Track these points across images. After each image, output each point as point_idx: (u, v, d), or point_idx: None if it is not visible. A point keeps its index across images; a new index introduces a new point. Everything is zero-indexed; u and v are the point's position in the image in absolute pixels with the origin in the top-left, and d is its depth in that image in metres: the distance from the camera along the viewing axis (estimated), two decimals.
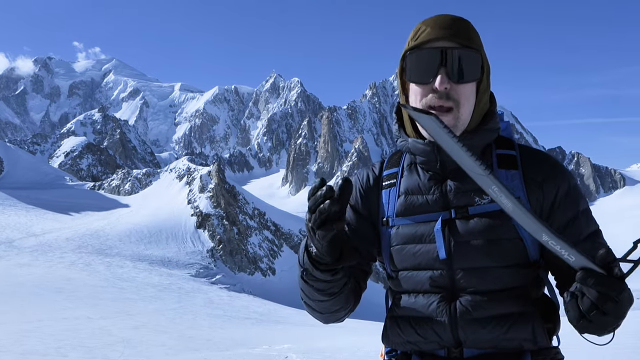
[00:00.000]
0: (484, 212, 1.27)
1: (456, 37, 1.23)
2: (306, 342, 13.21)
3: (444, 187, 1.32)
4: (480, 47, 1.27)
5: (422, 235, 1.31)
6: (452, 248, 1.27)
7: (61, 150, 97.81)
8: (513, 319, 1.25)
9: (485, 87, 1.31)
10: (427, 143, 1.30)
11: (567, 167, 1.33)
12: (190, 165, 61.24)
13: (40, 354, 9.82)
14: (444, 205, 1.31)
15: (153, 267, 35.99)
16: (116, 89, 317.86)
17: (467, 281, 1.27)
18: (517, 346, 1.26)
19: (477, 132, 1.30)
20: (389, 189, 1.40)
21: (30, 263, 30.02)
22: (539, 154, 1.36)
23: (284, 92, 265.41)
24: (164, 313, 20.05)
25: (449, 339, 1.28)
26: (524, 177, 1.30)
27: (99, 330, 13.89)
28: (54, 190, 56.63)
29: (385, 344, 1.42)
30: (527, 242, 1.27)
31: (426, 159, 1.32)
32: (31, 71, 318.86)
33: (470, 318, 1.26)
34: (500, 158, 1.33)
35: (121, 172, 67.55)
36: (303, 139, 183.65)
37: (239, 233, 51.73)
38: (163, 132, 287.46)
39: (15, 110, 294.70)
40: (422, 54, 1.25)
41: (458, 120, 1.26)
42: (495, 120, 1.34)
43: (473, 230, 1.26)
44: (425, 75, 1.24)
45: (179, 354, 11.24)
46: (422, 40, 1.25)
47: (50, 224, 42.43)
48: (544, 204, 1.30)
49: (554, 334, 1.33)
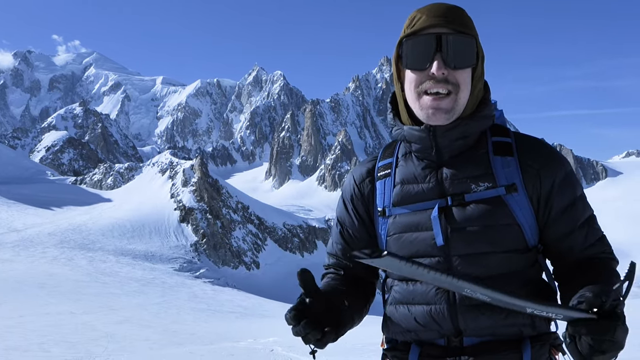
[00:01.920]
0: (480, 198, 1.28)
1: (451, 23, 1.25)
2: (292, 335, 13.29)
3: (440, 175, 1.32)
4: (475, 34, 1.29)
5: (419, 224, 1.31)
6: (449, 235, 1.28)
7: (42, 144, 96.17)
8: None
9: (480, 73, 1.31)
10: (422, 129, 1.30)
11: (561, 153, 1.36)
12: (173, 159, 60.77)
13: (23, 350, 9.77)
14: (440, 193, 1.31)
15: (136, 261, 35.76)
16: (97, 83, 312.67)
17: (465, 267, 1.27)
18: (516, 332, 1.27)
19: (472, 118, 1.31)
20: (384, 179, 1.40)
21: (12, 259, 29.62)
22: (535, 141, 1.36)
23: (267, 86, 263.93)
24: (148, 307, 19.99)
25: (449, 327, 1.28)
26: (520, 164, 1.31)
27: (82, 325, 13.83)
28: (35, 185, 55.73)
29: (385, 333, 1.42)
30: (524, 228, 1.28)
31: (422, 146, 1.32)
32: (11, 65, 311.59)
33: (469, 304, 1.25)
34: (496, 145, 1.34)
35: (103, 166, 66.80)
36: (286, 132, 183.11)
37: (222, 227, 51.60)
38: (145, 126, 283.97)
39: None
40: (418, 41, 1.26)
41: (456, 103, 1.27)
42: (490, 107, 1.35)
43: (470, 216, 1.27)
44: (421, 62, 1.25)
45: (163, 349, 11.24)
46: (418, 27, 1.26)
47: (32, 219, 41.83)
48: (542, 191, 1.30)
49: (552, 320, 1.33)
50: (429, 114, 1.26)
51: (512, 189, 1.27)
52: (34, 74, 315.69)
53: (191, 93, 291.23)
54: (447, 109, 1.25)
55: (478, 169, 1.30)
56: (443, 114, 1.26)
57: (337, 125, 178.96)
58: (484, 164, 1.31)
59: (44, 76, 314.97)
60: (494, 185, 1.28)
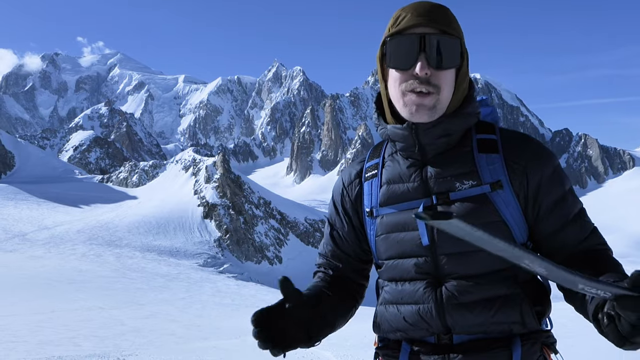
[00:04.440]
0: (465, 197, 1.26)
1: (436, 23, 1.23)
2: None
3: (424, 174, 1.32)
4: (460, 34, 1.27)
5: (405, 223, 1.31)
6: (434, 234, 1.27)
7: (70, 144, 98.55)
8: (500, 302, 1.24)
9: (464, 73, 1.30)
10: (405, 127, 1.30)
11: (549, 148, 1.33)
12: (196, 156, 61.50)
13: (55, 344, 10.14)
14: (424, 192, 1.31)
15: (162, 257, 36.41)
16: (122, 83, 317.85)
17: (452, 266, 1.26)
18: (506, 329, 1.25)
19: (455, 115, 1.29)
20: (371, 180, 1.40)
21: (43, 255, 30.56)
22: (521, 137, 1.34)
23: (287, 81, 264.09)
24: (173, 303, 20.40)
25: (437, 325, 1.28)
26: (505, 160, 1.29)
27: (111, 320, 14.23)
28: (64, 184, 57.17)
29: (376, 332, 1.43)
30: (511, 225, 1.27)
31: (405, 144, 1.32)
32: (39, 67, 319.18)
33: (456, 303, 1.25)
34: (480, 142, 1.32)
35: (128, 164, 68.00)
36: (306, 127, 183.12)
37: (245, 222, 52.10)
38: (168, 124, 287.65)
39: (25, 106, 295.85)
40: (402, 40, 1.24)
41: (438, 102, 1.26)
42: (474, 104, 1.33)
43: (455, 215, 1.30)
44: (405, 61, 1.24)
45: (189, 343, 11.49)
46: (402, 27, 1.25)
47: (62, 217, 42.95)
48: (529, 187, 1.29)
49: (544, 317, 1.31)
50: (412, 110, 1.26)
51: (497, 186, 1.26)
52: (61, 75, 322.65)
53: (212, 90, 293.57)
54: (429, 106, 1.25)
55: (462, 167, 1.30)
56: (426, 110, 1.25)
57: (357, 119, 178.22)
58: (469, 162, 1.30)
59: (71, 77, 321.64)
60: (478, 183, 1.27)
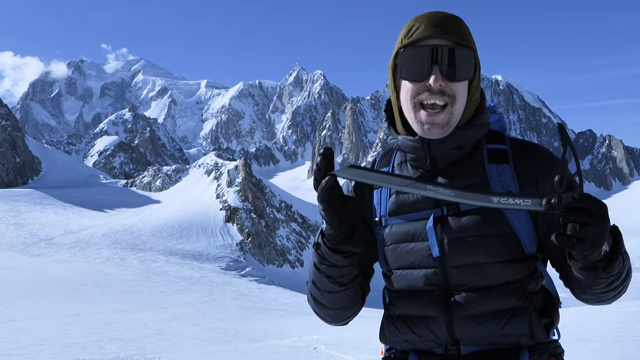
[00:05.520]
0: (475, 208, 1.25)
1: (449, 34, 1.23)
2: (335, 333, 13.35)
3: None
4: (473, 45, 1.26)
5: (415, 234, 1.30)
6: (445, 245, 1.27)
7: (95, 149, 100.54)
8: (509, 314, 1.24)
9: (477, 84, 1.30)
10: (416, 140, 1.29)
11: (558, 157, 1.30)
12: (218, 161, 62.04)
13: (80, 347, 10.26)
14: (435, 202, 1.30)
15: (185, 261, 36.75)
16: (145, 89, 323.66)
17: (461, 278, 1.26)
18: (514, 341, 1.25)
19: (468, 127, 1.29)
20: (380, 188, 1.40)
21: (69, 259, 31.11)
22: (531, 146, 1.34)
23: (307, 85, 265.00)
24: (196, 306, 20.53)
25: (445, 337, 1.27)
26: (515, 171, 1.29)
27: (135, 323, 14.36)
28: (89, 188, 58.24)
29: (383, 342, 1.42)
30: (521, 236, 1.26)
31: (416, 155, 1.32)
32: (65, 74, 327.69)
33: (465, 315, 1.25)
34: (491, 152, 1.32)
35: (152, 169, 68.99)
36: (327, 130, 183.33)
37: (266, 226, 52.27)
38: (191, 128, 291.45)
39: (51, 112, 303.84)
40: (415, 52, 1.23)
41: (452, 116, 1.25)
42: (485, 115, 1.33)
43: (465, 226, 1.25)
44: (418, 73, 1.23)
45: (211, 346, 11.53)
46: (415, 38, 1.24)
47: (87, 221, 43.73)
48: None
49: (552, 328, 1.32)
50: (424, 129, 1.25)
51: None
52: (87, 82, 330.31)
53: (234, 95, 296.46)
54: (442, 124, 1.24)
55: (473, 178, 1.29)
56: (439, 128, 1.25)
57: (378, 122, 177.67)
58: (479, 173, 1.30)
59: (96, 84, 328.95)
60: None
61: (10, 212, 42.52)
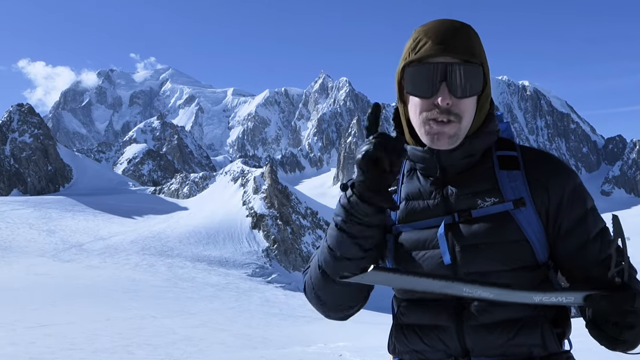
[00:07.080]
0: (487, 214, 1.24)
1: (456, 51, 1.20)
2: (361, 339, 13.27)
3: (445, 191, 1.30)
4: (482, 58, 1.24)
5: (426, 241, 1.28)
6: (456, 253, 1.25)
7: (124, 157, 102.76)
8: (520, 323, 1.22)
9: (486, 95, 1.29)
10: (426, 150, 1.28)
11: (570, 166, 1.33)
12: (244, 168, 62.61)
13: (110, 352, 10.42)
14: (446, 209, 1.28)
15: (212, 267, 37.10)
16: (173, 97, 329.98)
17: None
18: (525, 352, 1.23)
19: (477, 136, 1.29)
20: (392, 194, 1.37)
21: (98, 265, 31.78)
22: (541, 154, 1.34)
23: (333, 92, 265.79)
24: (223, 312, 20.69)
25: (456, 347, 1.25)
26: (526, 177, 1.27)
27: (163, 328, 14.53)
28: (118, 196, 59.47)
29: (391, 353, 1.39)
30: (534, 244, 1.24)
31: (425, 165, 1.31)
32: (95, 83, 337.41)
33: (476, 324, 1.23)
34: (501, 159, 1.31)
35: (179, 176, 70.07)
36: (353, 137, 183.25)
37: (292, 232, 52.40)
38: (217, 136, 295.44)
39: (82, 120, 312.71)
40: (422, 69, 1.21)
41: (459, 130, 1.24)
42: (494, 122, 1.33)
43: (477, 233, 1.24)
44: (426, 90, 1.21)
45: (238, 352, 11.60)
46: (422, 55, 1.21)
47: (116, 228, 44.63)
48: (550, 205, 1.26)
49: (565, 338, 1.30)
50: (433, 140, 1.24)
51: (520, 204, 1.24)
52: (116, 91, 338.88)
53: (260, 103, 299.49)
54: (450, 135, 1.23)
55: (484, 185, 1.28)
56: (446, 138, 1.23)
57: None
58: (490, 179, 1.28)
59: (125, 93, 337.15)
60: (501, 200, 1.25)
61: (42, 219, 43.70)
